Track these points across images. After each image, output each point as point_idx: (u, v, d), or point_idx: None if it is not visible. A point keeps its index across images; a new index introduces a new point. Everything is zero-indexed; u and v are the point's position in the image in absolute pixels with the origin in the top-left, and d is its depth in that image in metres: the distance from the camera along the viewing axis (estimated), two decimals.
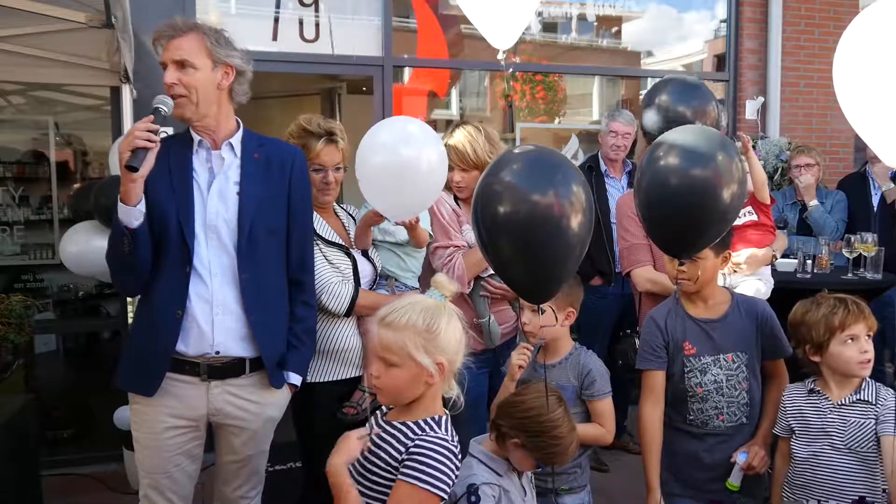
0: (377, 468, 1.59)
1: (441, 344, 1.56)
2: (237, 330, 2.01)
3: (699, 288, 2.28)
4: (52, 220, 5.95)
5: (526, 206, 1.62)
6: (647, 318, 2.39)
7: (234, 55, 2.01)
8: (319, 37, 4.51)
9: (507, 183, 1.65)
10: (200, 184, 2.01)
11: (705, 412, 2.26)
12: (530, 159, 1.72)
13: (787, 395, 2.21)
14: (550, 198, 1.61)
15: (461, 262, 2.56)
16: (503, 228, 1.66)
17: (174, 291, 1.95)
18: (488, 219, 1.67)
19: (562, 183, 1.64)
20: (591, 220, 1.70)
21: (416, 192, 2.31)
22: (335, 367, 2.42)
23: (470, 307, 2.62)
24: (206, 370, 1.99)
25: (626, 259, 2.90)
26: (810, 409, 2.13)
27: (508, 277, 1.82)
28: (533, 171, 1.68)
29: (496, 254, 1.72)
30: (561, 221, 1.62)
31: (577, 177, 1.69)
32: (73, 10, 3.22)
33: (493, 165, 1.74)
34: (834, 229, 4.16)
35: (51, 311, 5.62)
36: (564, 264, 1.70)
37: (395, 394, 1.60)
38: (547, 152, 1.79)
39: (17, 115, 6.10)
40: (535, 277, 1.73)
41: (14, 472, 2.85)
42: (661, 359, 2.29)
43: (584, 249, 1.71)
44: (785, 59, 5.33)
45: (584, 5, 5.49)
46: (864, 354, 2.06)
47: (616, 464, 3.92)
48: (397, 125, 2.43)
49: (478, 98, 6.45)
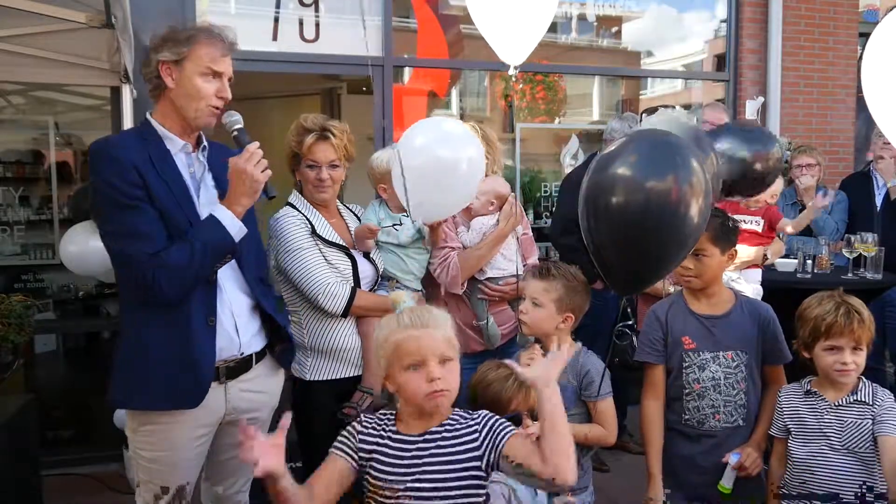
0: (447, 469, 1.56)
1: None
2: (253, 328, 2.06)
3: (704, 285, 2.28)
4: (52, 220, 5.94)
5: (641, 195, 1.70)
6: (648, 311, 2.40)
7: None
8: (319, 37, 4.51)
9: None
10: (191, 189, 1.97)
11: (702, 410, 2.25)
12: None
13: (783, 395, 2.20)
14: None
15: (456, 263, 2.57)
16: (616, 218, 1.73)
17: (203, 299, 1.92)
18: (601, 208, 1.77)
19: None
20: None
21: (455, 193, 2.35)
22: (334, 366, 2.43)
23: (469, 309, 2.63)
24: (225, 372, 2.00)
25: None
26: (807, 409, 2.13)
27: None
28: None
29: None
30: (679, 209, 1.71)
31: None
32: (73, 10, 3.22)
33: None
34: (834, 230, 4.16)
35: (51, 311, 5.61)
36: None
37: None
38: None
39: (17, 115, 6.09)
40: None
41: (14, 472, 2.85)
42: (658, 352, 2.29)
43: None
44: (785, 59, 5.33)
45: (584, 5, 5.49)
46: (842, 366, 2.05)
47: (616, 464, 3.92)
48: (434, 125, 2.49)
49: (478, 98, 6.45)
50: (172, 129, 1.95)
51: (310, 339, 2.43)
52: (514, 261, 2.66)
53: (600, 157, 1.88)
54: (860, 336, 2.05)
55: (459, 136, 2.42)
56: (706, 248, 2.21)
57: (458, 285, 2.57)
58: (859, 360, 2.07)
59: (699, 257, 2.22)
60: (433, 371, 1.53)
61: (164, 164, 1.90)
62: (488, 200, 2.64)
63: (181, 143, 1.96)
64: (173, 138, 1.95)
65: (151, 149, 1.90)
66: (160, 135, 1.94)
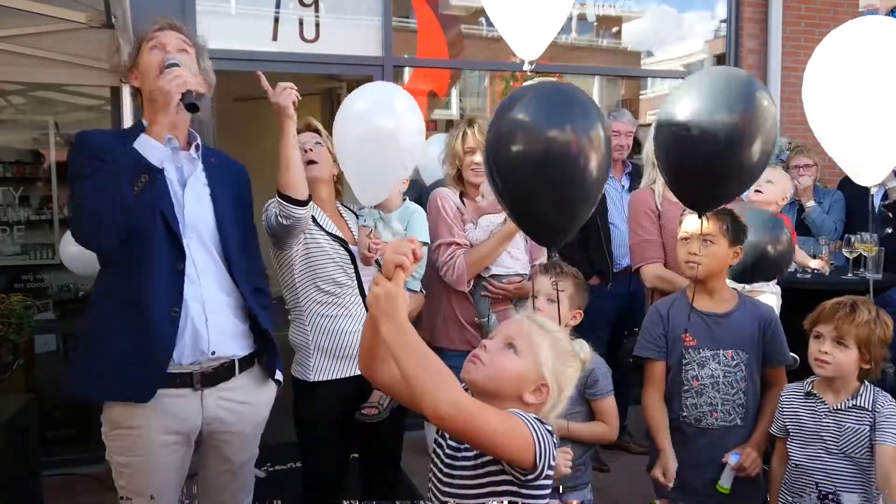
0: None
1: (565, 372, 1.45)
2: (229, 328, 1.97)
3: (706, 275, 2.26)
4: (52, 220, 5.94)
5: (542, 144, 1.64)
6: (651, 307, 2.40)
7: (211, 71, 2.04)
8: (319, 37, 4.51)
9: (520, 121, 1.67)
10: (174, 183, 1.94)
11: (699, 407, 2.26)
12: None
13: (784, 395, 2.20)
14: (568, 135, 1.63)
15: (462, 261, 2.57)
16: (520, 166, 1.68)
17: (168, 289, 1.85)
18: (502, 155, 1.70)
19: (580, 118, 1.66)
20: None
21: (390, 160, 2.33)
22: (340, 365, 2.39)
23: (472, 306, 2.63)
24: (200, 378, 1.92)
25: (637, 255, 2.91)
26: (806, 411, 2.13)
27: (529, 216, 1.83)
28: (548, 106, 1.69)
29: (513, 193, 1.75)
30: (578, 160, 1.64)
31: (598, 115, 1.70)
32: (73, 10, 3.22)
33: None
34: (832, 230, 4.16)
35: (51, 311, 5.61)
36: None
37: (494, 376, 1.40)
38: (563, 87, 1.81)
39: (17, 115, 6.09)
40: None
41: (14, 472, 2.85)
42: (659, 348, 2.29)
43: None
44: (785, 59, 5.33)
45: (584, 5, 5.49)
46: (820, 353, 2.05)
47: (616, 464, 3.92)
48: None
49: (478, 98, 6.45)
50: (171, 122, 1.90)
51: (314, 339, 2.40)
52: (519, 259, 2.67)
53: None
54: (844, 330, 2.03)
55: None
56: (714, 235, 2.22)
57: (464, 283, 2.58)
58: (841, 358, 2.04)
59: (706, 243, 2.21)
60: None
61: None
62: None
63: (166, 137, 1.85)
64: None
65: (128, 140, 1.82)
66: (144, 128, 1.88)
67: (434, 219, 2.64)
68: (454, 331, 2.63)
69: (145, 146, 1.75)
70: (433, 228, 2.64)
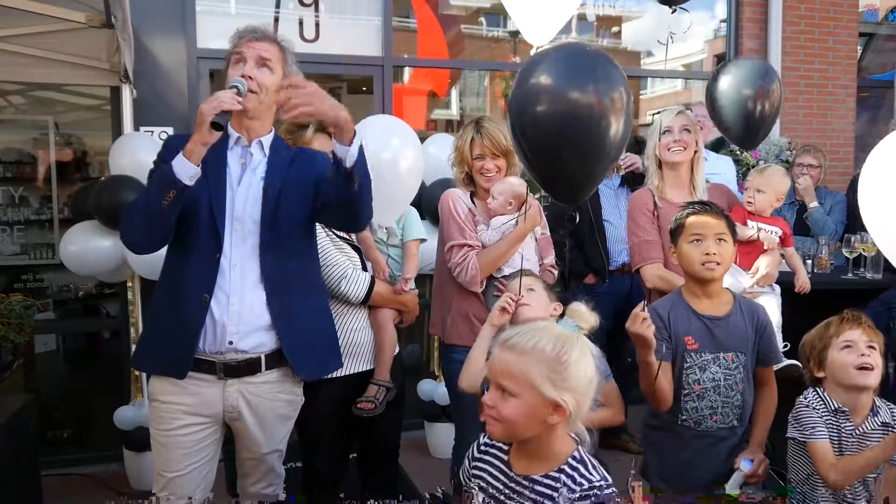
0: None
1: (569, 378, 1.40)
2: (252, 322, 2.01)
3: (723, 273, 2.27)
4: (52, 220, 5.94)
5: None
6: (649, 309, 2.38)
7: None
8: (319, 37, 4.51)
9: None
10: (232, 178, 2.06)
11: (700, 411, 2.24)
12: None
13: (810, 401, 2.14)
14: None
15: (475, 262, 2.57)
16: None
17: (204, 276, 1.98)
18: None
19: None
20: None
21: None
22: (346, 362, 2.39)
23: (482, 304, 2.64)
24: (223, 368, 2.00)
25: (637, 255, 2.91)
26: (832, 427, 2.10)
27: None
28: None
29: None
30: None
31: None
32: (73, 10, 3.22)
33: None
34: (833, 231, 4.16)
35: (51, 311, 5.60)
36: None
37: (510, 428, 1.41)
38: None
39: (17, 115, 6.09)
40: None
41: (14, 472, 2.85)
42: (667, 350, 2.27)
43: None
44: (785, 59, 5.33)
45: (584, 5, 5.48)
46: (863, 359, 2.03)
47: (616, 464, 3.91)
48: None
49: (478, 98, 6.45)
50: (233, 124, 2.07)
51: None
52: (530, 260, 2.67)
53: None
54: (872, 335, 2.05)
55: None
56: (725, 234, 2.23)
57: (477, 284, 2.59)
58: (880, 362, 2.05)
59: (721, 242, 2.22)
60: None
61: (212, 152, 1.96)
62: (506, 200, 2.65)
63: (236, 136, 2.09)
64: (231, 132, 2.08)
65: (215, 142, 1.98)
66: (229, 132, 2.08)
67: (446, 220, 2.65)
68: (465, 328, 2.64)
69: (178, 164, 1.89)
70: (445, 230, 2.65)
